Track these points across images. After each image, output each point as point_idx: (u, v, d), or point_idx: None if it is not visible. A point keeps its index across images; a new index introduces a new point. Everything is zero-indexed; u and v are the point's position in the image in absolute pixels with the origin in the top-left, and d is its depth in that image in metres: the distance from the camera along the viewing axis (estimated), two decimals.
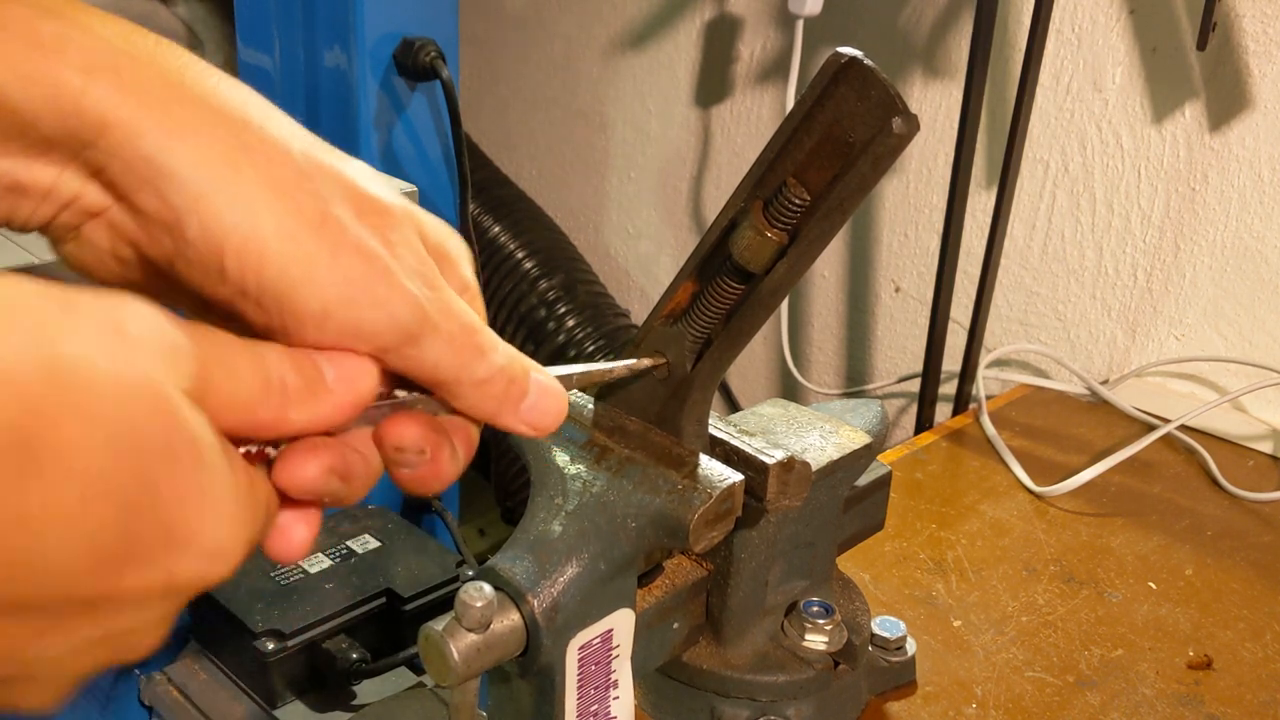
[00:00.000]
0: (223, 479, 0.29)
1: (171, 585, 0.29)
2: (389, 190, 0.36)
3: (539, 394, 0.38)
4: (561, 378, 0.43)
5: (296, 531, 0.35)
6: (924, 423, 1.23)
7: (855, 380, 1.57)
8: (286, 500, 0.34)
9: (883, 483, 0.72)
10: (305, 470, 0.33)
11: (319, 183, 0.34)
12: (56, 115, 0.31)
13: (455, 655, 0.45)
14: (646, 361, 0.51)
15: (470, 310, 0.37)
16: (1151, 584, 0.90)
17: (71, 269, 0.36)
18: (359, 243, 0.34)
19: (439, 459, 0.36)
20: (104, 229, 0.34)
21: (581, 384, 0.45)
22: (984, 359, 1.22)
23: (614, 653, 0.51)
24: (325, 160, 0.35)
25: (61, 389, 0.26)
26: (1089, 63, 1.22)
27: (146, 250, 0.33)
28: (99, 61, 0.31)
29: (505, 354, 0.37)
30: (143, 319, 0.28)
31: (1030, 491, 1.03)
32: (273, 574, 0.99)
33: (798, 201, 0.46)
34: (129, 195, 0.32)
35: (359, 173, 0.36)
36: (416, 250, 0.36)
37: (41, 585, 0.26)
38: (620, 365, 0.50)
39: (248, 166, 0.32)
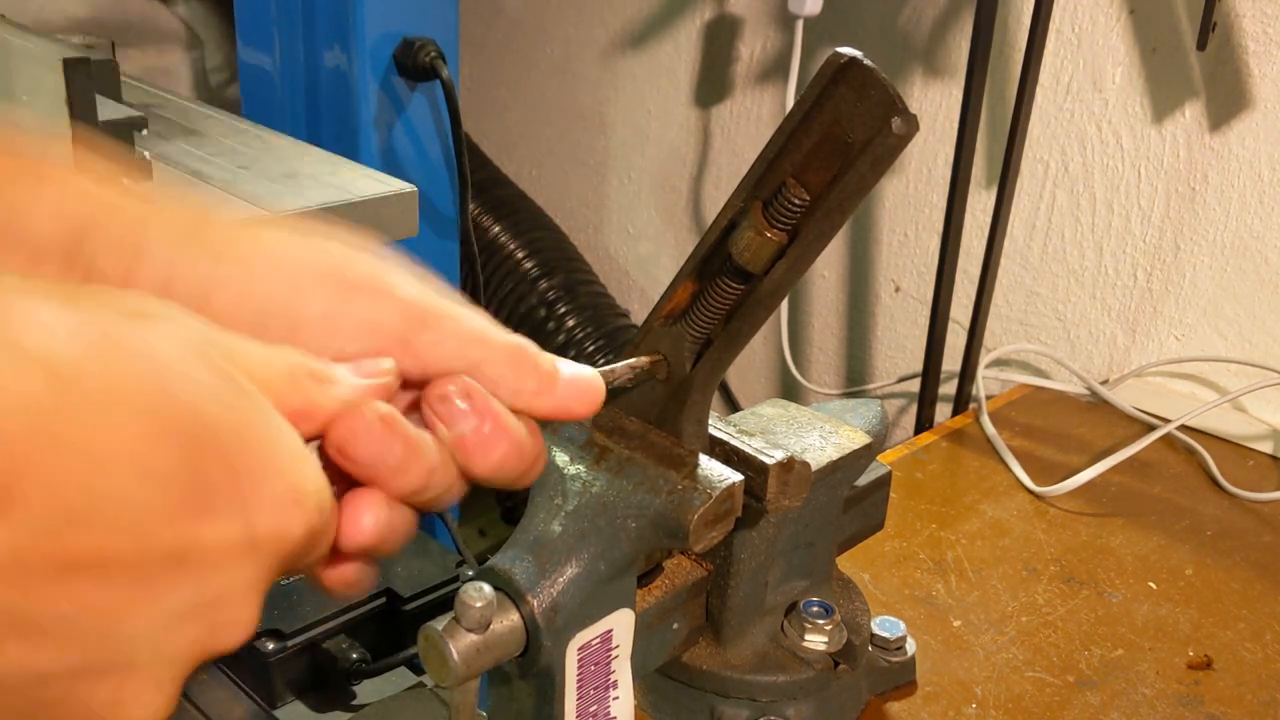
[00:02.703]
0: (279, 422, 0.30)
1: (253, 538, 0.29)
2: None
3: (572, 374, 0.38)
4: None
5: (365, 518, 0.34)
6: (924, 423, 1.23)
7: (855, 380, 1.57)
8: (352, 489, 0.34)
9: (883, 483, 0.72)
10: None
11: (303, 224, 0.37)
12: (43, 229, 0.33)
13: (455, 655, 0.45)
14: (645, 360, 0.51)
15: (477, 312, 0.38)
16: (1151, 584, 0.90)
17: None
18: (335, 253, 0.36)
19: (488, 409, 0.35)
20: None
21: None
22: (984, 359, 1.22)
23: (614, 653, 0.51)
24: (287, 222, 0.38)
25: (115, 342, 0.26)
26: (1089, 63, 1.22)
27: None
28: (69, 178, 0.34)
29: (519, 337, 0.38)
30: (171, 309, 0.29)
31: (1030, 491, 1.02)
32: None
33: (797, 202, 0.46)
34: (126, 281, 0.34)
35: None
36: (407, 265, 0.38)
37: (118, 530, 0.26)
38: (621, 366, 0.49)
39: (209, 228, 0.35)
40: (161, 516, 0.27)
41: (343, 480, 0.33)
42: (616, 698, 0.52)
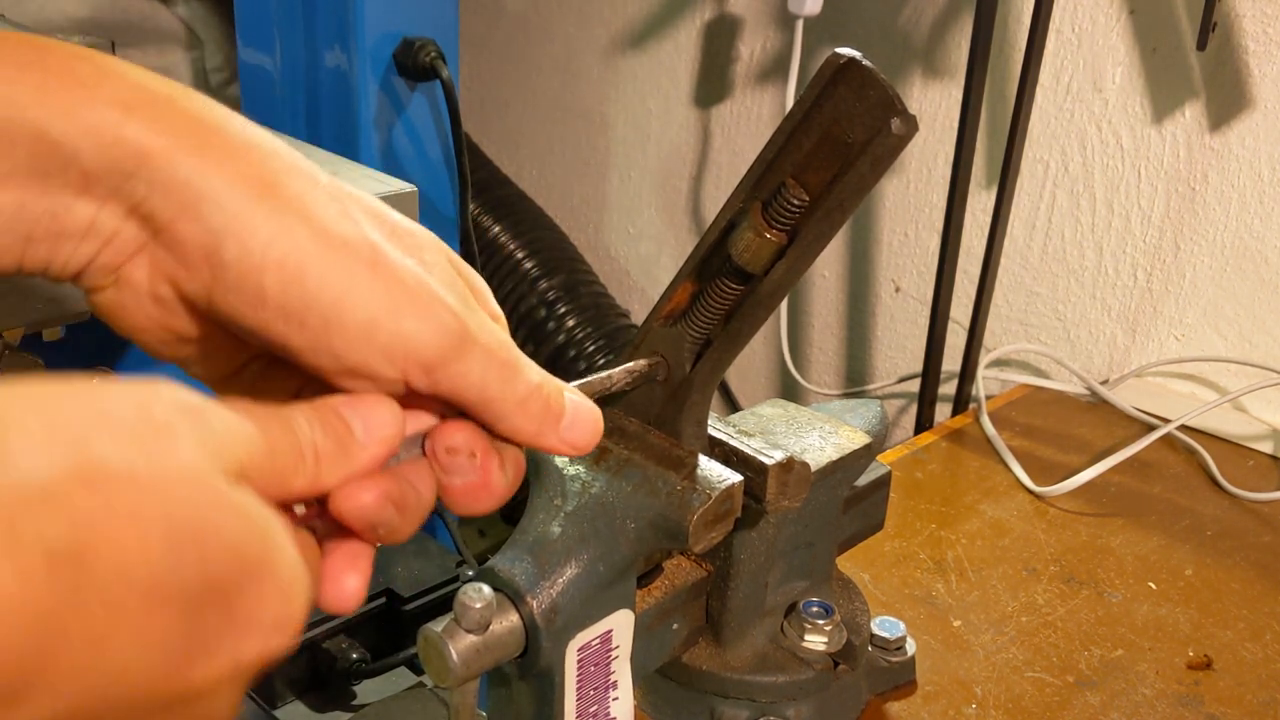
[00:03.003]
0: (277, 554, 0.29)
1: (239, 668, 0.29)
2: (415, 222, 0.37)
3: (575, 412, 0.39)
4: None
5: (348, 581, 0.34)
6: (924, 423, 1.23)
7: (855, 380, 1.56)
8: (337, 541, 0.34)
9: (882, 483, 0.72)
10: (363, 497, 0.33)
11: (349, 206, 0.35)
12: (97, 147, 0.31)
13: (454, 656, 0.45)
14: (643, 363, 0.50)
15: (503, 332, 0.37)
16: (1151, 584, 0.90)
17: (106, 319, 0.36)
18: (398, 259, 0.34)
19: (488, 466, 0.36)
20: (144, 267, 0.34)
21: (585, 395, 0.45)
22: (984, 359, 1.22)
23: (613, 654, 0.51)
24: (352, 190, 0.36)
25: (104, 495, 0.25)
26: (1089, 63, 1.22)
27: (185, 286, 0.34)
28: (134, 98, 0.32)
29: (539, 373, 0.38)
30: (171, 405, 0.28)
31: (1030, 491, 1.02)
32: None
33: (797, 202, 0.46)
34: (168, 226, 0.33)
35: (383, 205, 0.37)
36: (449, 272, 0.37)
37: (117, 700, 0.26)
38: (618, 371, 0.49)
39: (281, 188, 0.33)
40: (161, 676, 0.27)
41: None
42: (616, 698, 0.52)
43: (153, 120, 0.32)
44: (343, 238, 0.33)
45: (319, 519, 0.34)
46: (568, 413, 0.38)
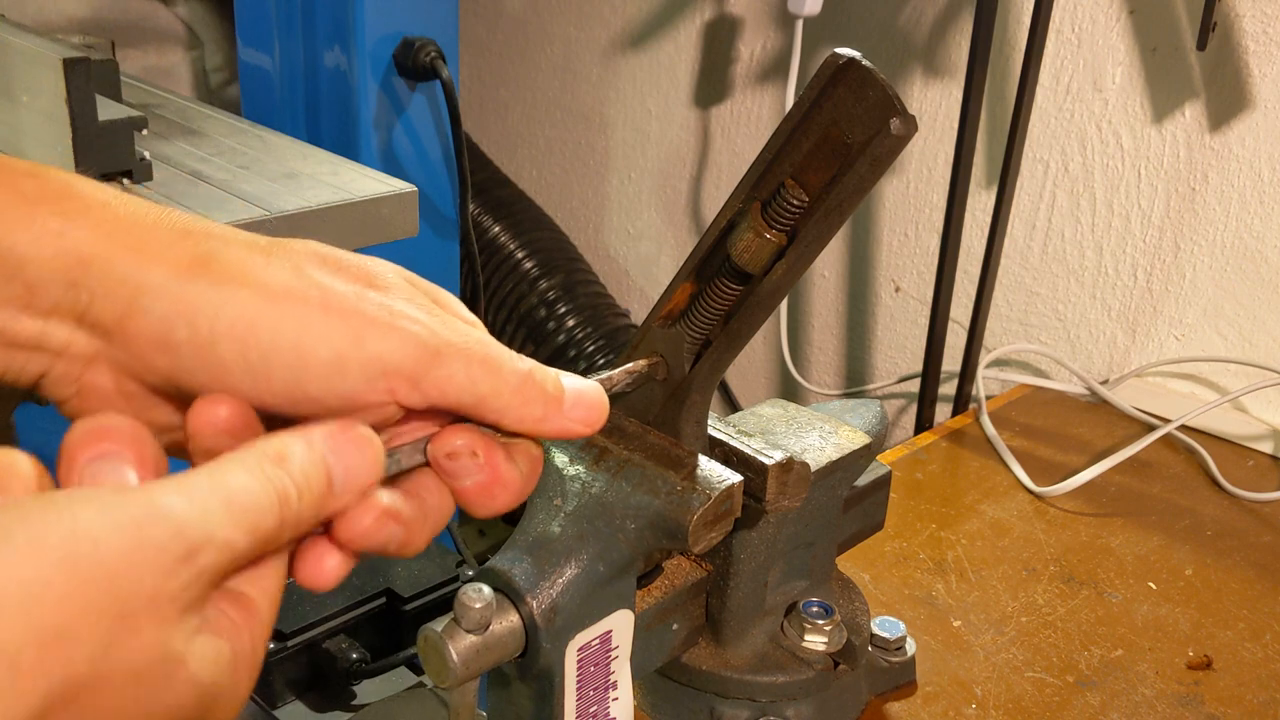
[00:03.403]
0: (218, 698, 0.31)
1: None
2: (368, 258, 0.38)
3: (576, 392, 0.39)
4: None
5: (328, 560, 0.34)
6: (924, 423, 1.23)
7: (855, 380, 1.56)
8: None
9: (882, 483, 0.72)
10: (362, 521, 0.33)
11: (291, 259, 0.35)
12: (40, 259, 0.32)
13: (454, 656, 0.45)
14: (642, 363, 0.50)
15: (480, 332, 0.37)
16: (1151, 584, 0.90)
17: None
18: (350, 291, 0.35)
19: (494, 462, 0.36)
20: (104, 372, 0.35)
21: None
22: (984, 359, 1.22)
23: (613, 654, 0.51)
24: (293, 242, 0.36)
25: (85, 712, 0.27)
26: (1089, 63, 1.22)
27: (147, 378, 0.34)
28: (73, 208, 0.33)
29: (528, 362, 0.38)
30: (140, 549, 0.28)
31: (1030, 491, 1.02)
32: None
33: (796, 202, 0.46)
34: (117, 326, 0.33)
35: (327, 247, 0.37)
36: (408, 289, 0.37)
37: None
38: (619, 372, 0.49)
39: (217, 261, 0.34)
40: None
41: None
42: (616, 698, 0.52)
43: (92, 228, 0.33)
44: (286, 288, 0.34)
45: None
46: (568, 394, 0.38)
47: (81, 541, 0.26)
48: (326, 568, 0.34)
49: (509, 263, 1.71)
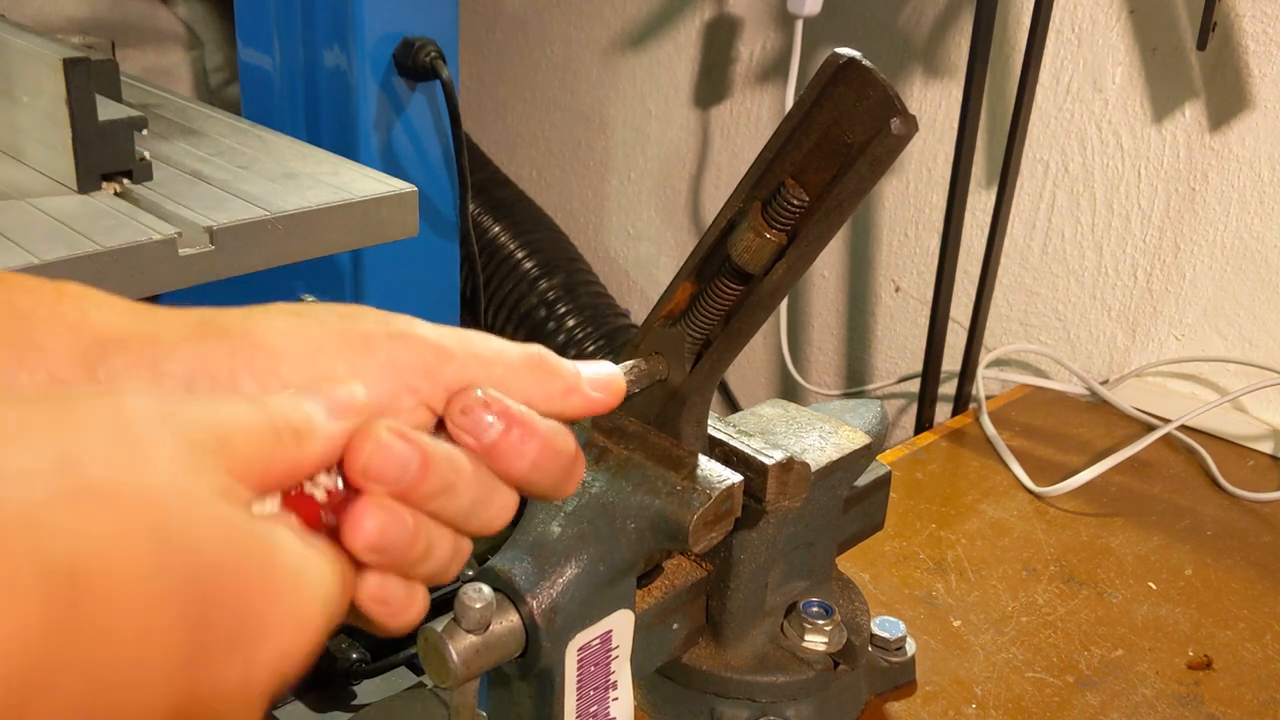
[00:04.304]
0: (275, 556, 0.29)
1: (252, 676, 0.28)
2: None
3: (592, 369, 0.39)
4: None
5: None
6: (924, 423, 1.23)
7: (855, 380, 1.56)
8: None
9: (882, 483, 0.72)
10: (364, 525, 0.32)
11: (281, 307, 0.36)
12: (60, 346, 0.32)
13: (454, 656, 0.45)
14: (655, 360, 0.50)
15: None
16: (1151, 584, 0.90)
17: None
18: (343, 315, 0.35)
19: (510, 412, 0.35)
20: None
21: None
22: (984, 359, 1.22)
23: (613, 654, 0.51)
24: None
25: (92, 515, 0.25)
26: (1089, 63, 1.22)
27: None
28: (90, 304, 0.33)
29: (537, 346, 0.38)
30: (146, 415, 0.28)
31: (1030, 491, 1.02)
32: None
33: (796, 202, 0.46)
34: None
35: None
36: (397, 315, 0.37)
37: (121, 716, 0.26)
38: (629, 365, 0.50)
39: (221, 319, 0.34)
40: (163, 692, 0.27)
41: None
42: (616, 698, 0.52)
43: (109, 315, 0.33)
44: (291, 325, 0.34)
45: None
46: (584, 371, 0.39)
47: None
48: (365, 525, 0.32)
49: (509, 263, 1.71)
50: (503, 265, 1.71)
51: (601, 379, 0.39)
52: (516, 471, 0.35)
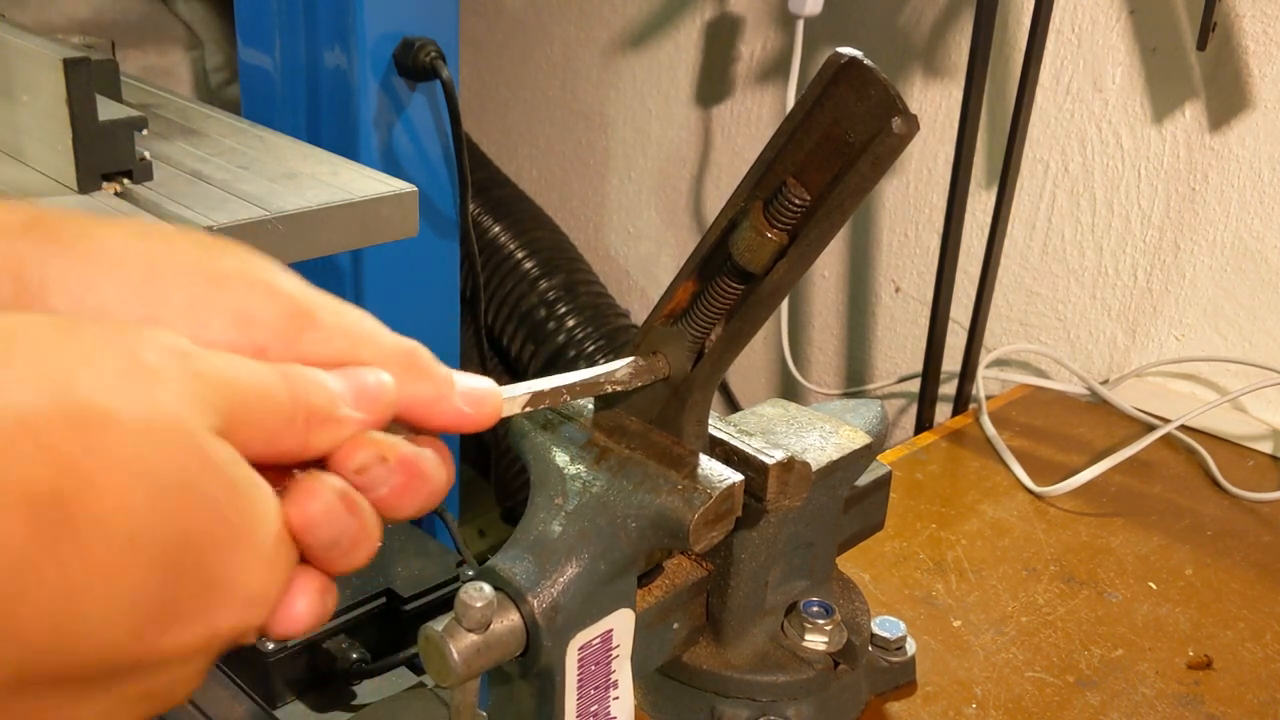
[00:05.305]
0: (258, 524, 0.28)
1: (213, 639, 0.28)
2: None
3: (464, 380, 0.35)
4: (563, 388, 0.43)
5: (297, 603, 0.31)
6: (924, 423, 1.23)
7: (855, 380, 1.57)
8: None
9: (883, 483, 0.72)
10: (313, 503, 0.30)
11: (141, 223, 0.32)
12: None
13: (455, 656, 0.45)
14: (643, 361, 0.50)
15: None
16: (1151, 584, 0.90)
17: None
18: (201, 245, 0.31)
19: (407, 464, 0.32)
20: None
21: (583, 394, 0.45)
22: (984, 359, 1.22)
23: (614, 653, 0.51)
24: (164, 225, 0.33)
25: (89, 438, 0.24)
26: (1089, 63, 1.22)
27: None
28: None
29: (412, 341, 0.34)
30: (161, 350, 0.27)
31: (1030, 491, 1.03)
32: None
33: (798, 202, 0.46)
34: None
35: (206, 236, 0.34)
36: (280, 267, 0.34)
37: (82, 657, 0.25)
38: (620, 365, 0.49)
39: (50, 222, 0.31)
40: (127, 638, 0.26)
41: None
42: (617, 698, 0.52)
43: None
44: (127, 244, 0.31)
45: None
46: (459, 382, 0.34)
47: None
48: (296, 609, 0.30)
49: (509, 263, 1.71)
50: (503, 265, 1.71)
51: (476, 394, 0.35)
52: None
